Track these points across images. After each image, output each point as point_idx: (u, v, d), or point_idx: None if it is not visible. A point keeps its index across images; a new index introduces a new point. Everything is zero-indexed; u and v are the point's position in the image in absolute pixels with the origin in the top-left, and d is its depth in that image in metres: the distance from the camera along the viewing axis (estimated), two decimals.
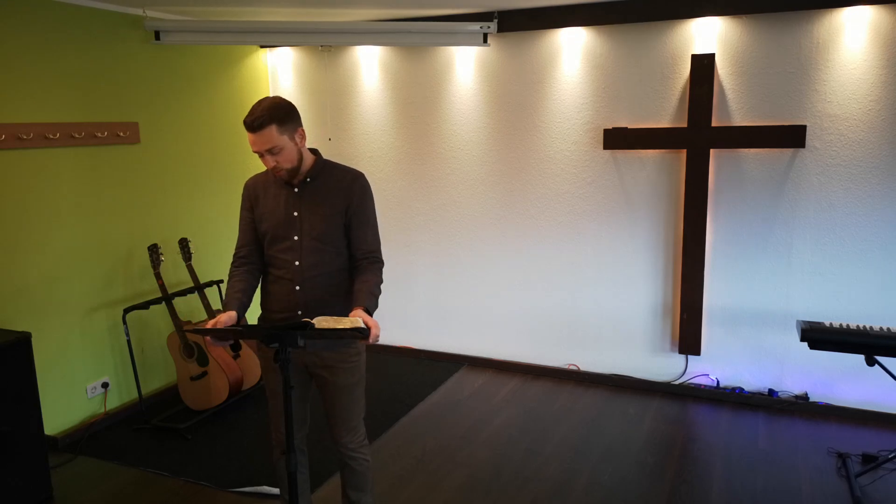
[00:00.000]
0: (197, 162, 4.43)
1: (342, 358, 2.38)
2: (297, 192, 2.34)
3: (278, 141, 2.20)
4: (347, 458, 2.47)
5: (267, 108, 2.19)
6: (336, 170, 2.40)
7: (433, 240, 4.73)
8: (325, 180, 2.36)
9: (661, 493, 3.06)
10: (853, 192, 3.66)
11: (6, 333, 3.01)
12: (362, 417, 2.51)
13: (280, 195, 2.35)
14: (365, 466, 2.50)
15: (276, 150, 2.21)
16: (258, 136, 2.19)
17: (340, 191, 2.35)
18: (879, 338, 2.95)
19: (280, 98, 2.26)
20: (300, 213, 2.33)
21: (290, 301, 2.33)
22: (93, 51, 3.73)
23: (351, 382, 2.42)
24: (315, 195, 2.34)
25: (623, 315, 4.27)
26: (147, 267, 4.08)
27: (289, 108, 2.25)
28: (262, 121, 2.17)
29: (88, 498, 3.13)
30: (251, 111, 2.21)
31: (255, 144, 2.21)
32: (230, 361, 3.92)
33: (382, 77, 4.66)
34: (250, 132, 2.20)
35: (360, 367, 2.45)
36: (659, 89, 3.96)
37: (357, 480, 2.50)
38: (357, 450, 2.48)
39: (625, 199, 4.14)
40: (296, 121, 2.27)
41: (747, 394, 4.01)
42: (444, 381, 4.40)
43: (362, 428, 2.51)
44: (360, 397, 2.48)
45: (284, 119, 2.22)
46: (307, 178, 2.34)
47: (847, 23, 3.53)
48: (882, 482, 3.09)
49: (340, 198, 2.34)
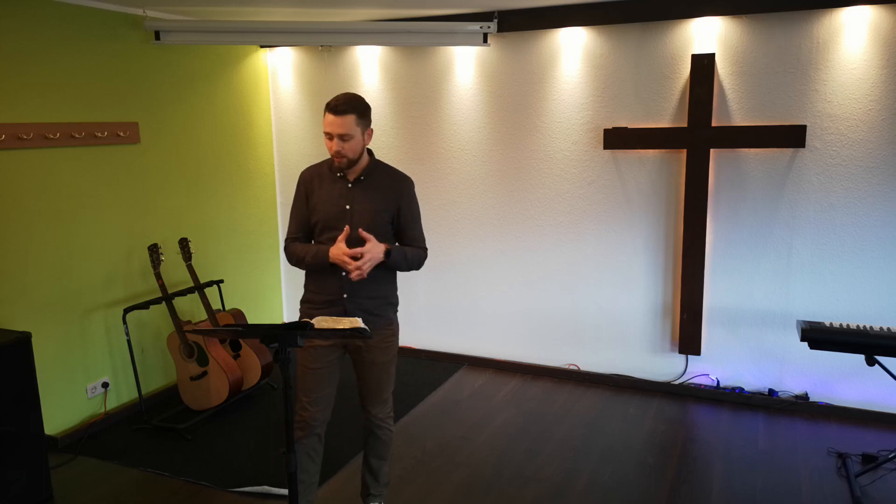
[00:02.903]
0: (197, 162, 4.43)
1: (382, 338, 2.58)
2: (351, 188, 2.52)
3: (353, 130, 2.39)
4: (375, 426, 2.66)
5: (352, 98, 2.41)
6: (387, 171, 2.60)
7: (433, 239, 4.72)
8: (377, 179, 2.55)
9: (661, 493, 3.06)
10: (853, 192, 3.66)
11: (6, 333, 3.01)
12: (392, 391, 2.70)
13: (334, 188, 2.53)
14: (389, 436, 2.70)
15: (347, 137, 2.39)
16: (338, 119, 2.37)
17: (391, 191, 2.55)
18: (879, 338, 2.95)
19: (362, 97, 2.47)
20: (352, 207, 2.50)
21: (336, 286, 2.51)
22: (93, 51, 3.73)
23: (386, 360, 2.62)
24: (367, 191, 2.52)
25: (623, 315, 4.27)
26: (147, 267, 4.08)
27: (368, 107, 2.48)
28: (346, 107, 2.37)
29: (88, 498, 3.13)
30: (336, 97, 2.40)
31: (331, 126, 2.39)
32: (230, 361, 3.92)
33: (382, 77, 4.66)
34: (333, 114, 2.38)
35: (395, 346, 2.67)
36: (659, 89, 3.96)
37: (380, 449, 2.70)
38: (385, 420, 2.68)
39: (625, 199, 4.14)
40: (370, 119, 2.48)
41: (747, 394, 4.01)
42: (444, 381, 4.40)
43: (391, 400, 2.71)
44: (393, 373, 2.69)
45: (364, 113, 2.43)
46: (361, 176, 2.53)
47: (847, 23, 3.53)
48: (882, 482, 3.10)
49: (391, 197, 2.54)
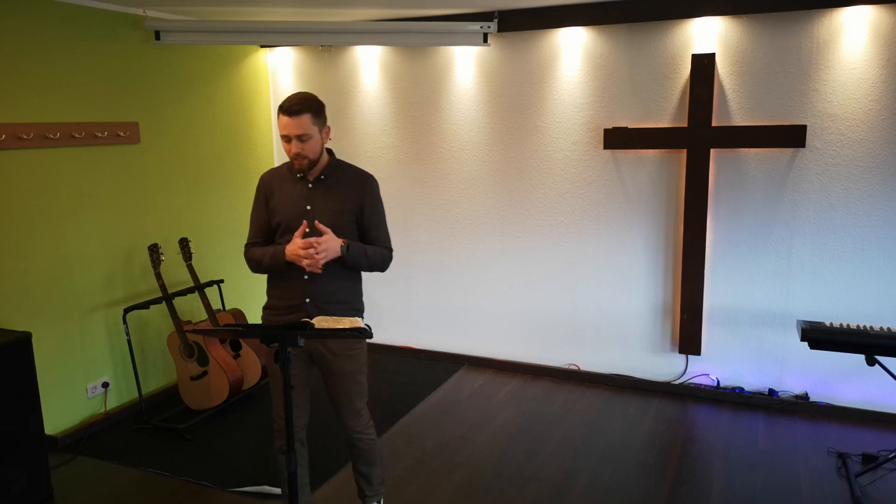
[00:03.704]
0: (197, 162, 4.43)
1: (346, 345, 2.48)
2: (311, 188, 2.47)
3: (310, 129, 2.35)
4: (354, 439, 2.59)
5: (305, 97, 2.36)
6: (349, 170, 2.54)
7: (433, 239, 4.73)
8: (338, 178, 2.50)
9: (661, 493, 3.06)
10: (853, 192, 3.66)
11: (6, 333, 3.01)
12: (365, 402, 2.61)
13: (295, 189, 2.47)
14: (371, 445, 2.62)
15: (305, 137, 2.35)
16: (293, 120, 2.32)
17: (353, 190, 2.48)
18: (879, 338, 2.95)
19: (315, 95, 2.43)
20: (313, 207, 2.45)
21: (298, 290, 2.43)
22: (93, 51, 3.73)
23: (353, 369, 2.51)
24: (328, 192, 2.47)
25: (623, 315, 4.27)
26: (147, 267, 4.08)
27: (322, 105, 2.42)
28: (300, 107, 2.32)
29: (88, 498, 3.13)
30: (289, 98, 2.35)
31: (286, 128, 2.34)
32: (230, 361, 3.92)
33: (382, 77, 4.66)
34: (287, 115, 2.33)
35: (363, 354, 2.55)
36: (659, 89, 3.95)
37: (365, 456, 2.63)
38: (363, 431, 2.59)
39: (625, 198, 4.14)
40: (325, 117, 2.43)
41: (747, 394, 4.01)
42: (444, 381, 4.40)
43: (366, 411, 2.61)
44: (363, 383, 2.58)
45: (319, 111, 2.38)
46: (321, 176, 2.47)
47: (847, 23, 3.53)
48: (882, 482, 3.09)
49: (353, 196, 2.48)
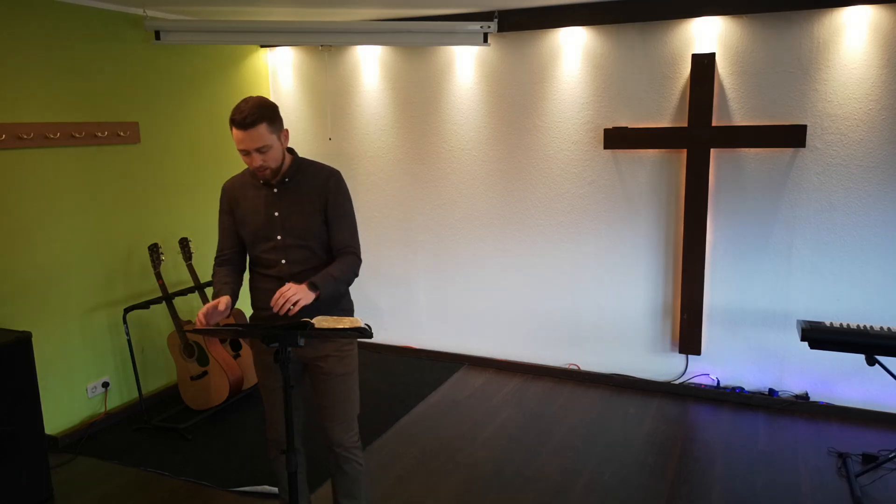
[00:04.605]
0: (197, 161, 4.43)
1: (336, 346, 2.39)
2: (276, 193, 2.35)
3: (268, 139, 2.20)
4: (341, 459, 2.44)
5: (256, 105, 2.18)
6: (312, 168, 2.41)
7: (433, 239, 4.73)
8: (302, 179, 2.37)
9: (661, 493, 3.06)
10: (853, 192, 3.66)
11: (6, 333, 3.01)
12: (356, 415, 2.48)
13: (259, 196, 2.35)
14: (358, 471, 2.46)
15: (264, 148, 2.21)
16: (248, 134, 2.17)
17: (317, 188, 2.36)
18: (880, 337, 2.95)
19: (265, 98, 2.26)
20: (280, 213, 2.34)
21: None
22: (93, 51, 3.73)
23: (345, 371, 2.41)
24: (293, 194, 2.35)
25: (623, 315, 4.26)
26: (147, 266, 4.08)
27: (275, 107, 2.26)
28: (253, 118, 2.16)
29: (88, 498, 3.13)
30: (239, 109, 2.18)
31: (243, 142, 2.19)
32: (230, 361, 3.92)
33: (382, 77, 4.66)
34: (240, 129, 2.17)
35: (354, 357, 2.45)
36: (659, 89, 3.95)
37: (350, 486, 2.46)
38: (351, 450, 2.44)
39: (625, 198, 4.14)
40: (281, 121, 2.28)
41: (747, 394, 4.00)
42: (444, 381, 4.40)
43: (356, 426, 2.48)
44: (354, 389, 2.46)
45: (273, 118, 2.22)
46: (285, 178, 2.35)
47: (847, 22, 3.53)
48: (882, 482, 3.09)
49: (317, 195, 2.35)
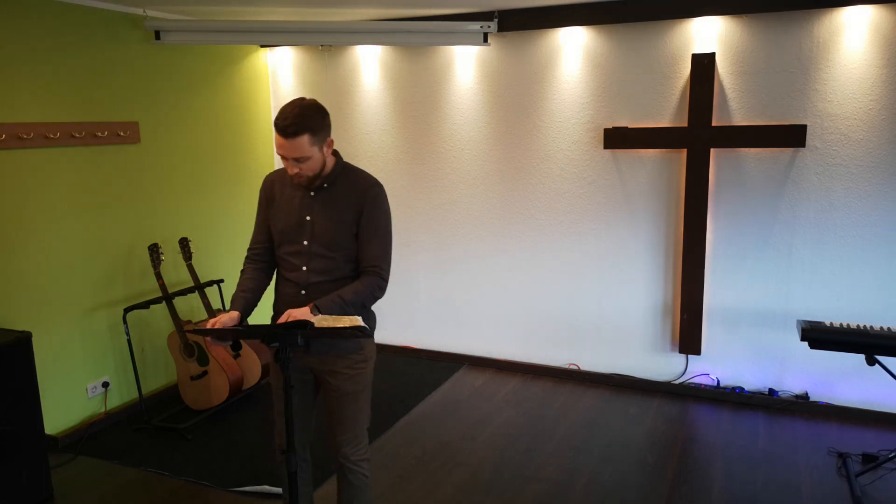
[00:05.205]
0: (197, 161, 4.43)
1: (348, 364, 2.29)
2: (312, 196, 2.27)
3: (308, 151, 2.11)
4: (347, 469, 2.37)
5: (302, 114, 2.08)
6: (354, 175, 2.30)
7: (433, 239, 4.73)
8: (341, 186, 2.27)
9: (661, 493, 3.06)
10: (853, 192, 3.66)
11: (6, 333, 3.01)
12: (366, 428, 2.41)
13: (294, 197, 2.28)
14: (363, 482, 2.39)
15: (303, 159, 2.13)
16: (289, 143, 2.08)
17: (354, 198, 2.25)
18: (880, 337, 2.95)
19: (315, 102, 2.14)
20: (312, 218, 2.25)
21: (295, 304, 2.23)
22: (93, 51, 3.73)
23: (356, 390, 2.32)
24: (329, 201, 2.25)
25: (623, 315, 4.26)
26: (147, 266, 4.08)
27: (324, 115, 2.15)
28: (296, 128, 2.07)
29: (88, 498, 3.13)
30: (284, 113, 2.08)
31: (282, 149, 2.11)
32: (230, 361, 3.92)
33: (382, 77, 4.66)
34: (283, 136, 2.09)
35: (366, 375, 2.35)
36: (659, 89, 3.95)
37: (353, 497, 2.39)
38: (358, 462, 2.37)
39: (625, 198, 4.14)
40: (328, 129, 2.18)
41: (747, 393, 4.00)
42: (444, 381, 4.40)
43: (365, 439, 2.40)
44: (366, 406, 2.38)
45: (318, 129, 2.13)
46: (325, 184, 2.26)
47: (847, 22, 3.53)
48: (882, 482, 3.09)
49: (353, 205, 2.24)
